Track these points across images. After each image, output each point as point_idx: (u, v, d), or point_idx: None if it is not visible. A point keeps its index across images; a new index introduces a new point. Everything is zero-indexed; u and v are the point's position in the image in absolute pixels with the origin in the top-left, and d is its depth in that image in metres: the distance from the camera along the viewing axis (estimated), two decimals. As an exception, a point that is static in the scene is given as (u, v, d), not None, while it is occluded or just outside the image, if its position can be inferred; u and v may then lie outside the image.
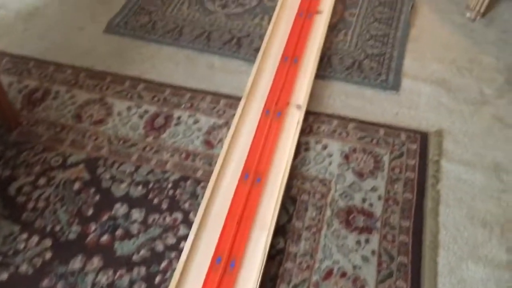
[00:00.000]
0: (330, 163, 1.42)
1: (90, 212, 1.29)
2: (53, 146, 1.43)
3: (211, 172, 1.36)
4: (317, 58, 1.69)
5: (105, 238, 1.24)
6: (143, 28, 1.81)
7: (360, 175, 1.40)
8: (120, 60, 1.70)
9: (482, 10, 1.86)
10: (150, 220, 1.28)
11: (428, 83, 1.65)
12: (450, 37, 1.81)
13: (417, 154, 1.45)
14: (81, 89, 1.59)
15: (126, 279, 1.17)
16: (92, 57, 1.70)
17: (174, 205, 1.31)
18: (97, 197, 1.32)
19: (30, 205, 1.30)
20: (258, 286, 1.12)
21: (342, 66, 1.70)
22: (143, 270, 1.19)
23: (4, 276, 1.17)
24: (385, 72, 1.67)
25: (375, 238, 1.26)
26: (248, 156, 1.40)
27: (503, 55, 1.74)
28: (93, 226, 1.26)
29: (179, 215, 1.30)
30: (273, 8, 1.87)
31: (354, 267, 1.20)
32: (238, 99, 1.56)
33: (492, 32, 1.83)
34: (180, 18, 1.86)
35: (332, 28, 1.84)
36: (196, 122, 1.52)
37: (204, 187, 1.32)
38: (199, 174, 1.39)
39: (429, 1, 1.95)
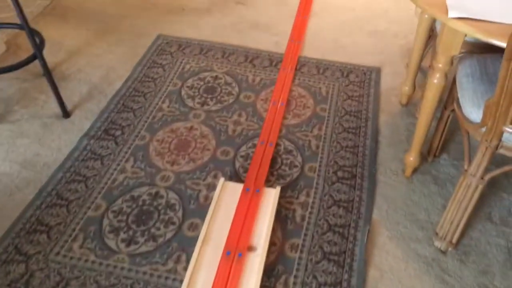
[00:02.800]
0: None
1: None
2: None
3: None
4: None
5: None
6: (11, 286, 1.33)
7: None
8: None
9: (454, 240, 1.49)
10: None
11: None
12: (417, 282, 1.41)
13: None
14: None
15: None
16: None
17: None
18: None
19: None
20: None
21: None
22: None
23: None
24: None
25: None
26: None
27: (488, 312, 1.35)
28: None
29: None
30: (194, 241, 1.46)
31: None
32: None
33: (470, 272, 1.45)
34: (68, 265, 1.40)
35: (269, 272, 1.42)
36: None
37: None
38: None
39: (387, 223, 1.58)
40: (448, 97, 1.66)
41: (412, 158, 1.70)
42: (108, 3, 2.65)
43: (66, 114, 1.91)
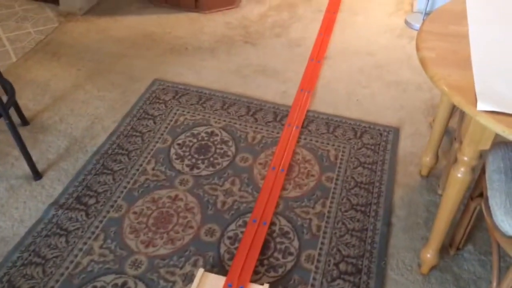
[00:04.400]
0: None
1: None
2: None
3: None
4: None
5: None
6: None
7: None
8: None
9: None
10: None
11: None
12: None
13: None
14: None
15: None
16: None
17: None
18: None
19: None
20: None
21: None
22: None
23: None
24: None
25: None
26: None
27: None
28: None
29: None
30: None
31: None
32: None
33: None
34: None
35: None
36: None
37: None
38: None
39: None
40: (476, 187, 1.37)
41: (429, 255, 1.42)
42: (108, 40, 2.46)
43: (37, 175, 1.70)
